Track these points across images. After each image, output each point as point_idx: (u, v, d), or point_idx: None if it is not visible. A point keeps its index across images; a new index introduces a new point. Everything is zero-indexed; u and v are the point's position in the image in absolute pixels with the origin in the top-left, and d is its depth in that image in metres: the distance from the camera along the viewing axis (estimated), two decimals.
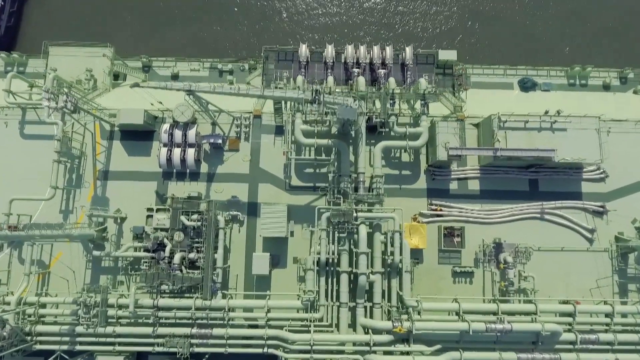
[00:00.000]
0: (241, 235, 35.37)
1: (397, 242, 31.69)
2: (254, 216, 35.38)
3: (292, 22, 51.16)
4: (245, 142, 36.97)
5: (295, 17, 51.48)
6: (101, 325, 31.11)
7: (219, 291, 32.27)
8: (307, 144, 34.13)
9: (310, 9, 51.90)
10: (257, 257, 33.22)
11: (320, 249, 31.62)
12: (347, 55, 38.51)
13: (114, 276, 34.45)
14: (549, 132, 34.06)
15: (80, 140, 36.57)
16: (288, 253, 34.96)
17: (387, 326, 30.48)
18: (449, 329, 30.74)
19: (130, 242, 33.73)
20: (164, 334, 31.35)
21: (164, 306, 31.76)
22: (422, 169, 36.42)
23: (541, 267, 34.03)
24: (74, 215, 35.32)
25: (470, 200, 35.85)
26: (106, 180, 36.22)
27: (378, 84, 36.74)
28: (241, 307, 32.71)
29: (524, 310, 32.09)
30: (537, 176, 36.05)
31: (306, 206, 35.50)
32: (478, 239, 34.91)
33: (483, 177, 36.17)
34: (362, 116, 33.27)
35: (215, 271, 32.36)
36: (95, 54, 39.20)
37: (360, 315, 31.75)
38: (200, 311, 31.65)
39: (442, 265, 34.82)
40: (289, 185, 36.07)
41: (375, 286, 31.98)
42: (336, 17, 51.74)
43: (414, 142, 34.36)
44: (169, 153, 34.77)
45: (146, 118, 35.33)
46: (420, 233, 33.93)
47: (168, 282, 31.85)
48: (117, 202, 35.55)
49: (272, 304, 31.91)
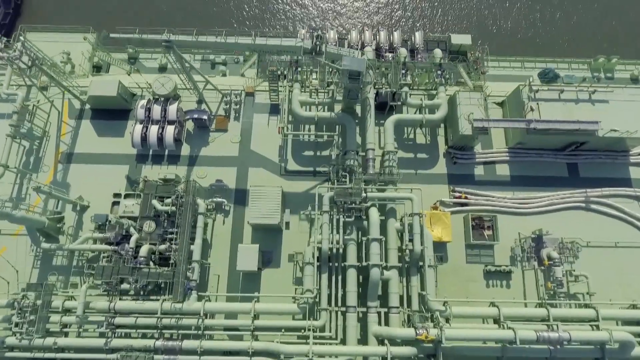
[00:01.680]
0: (226, 227, 29.21)
1: (417, 227, 25.58)
2: (242, 205, 29.47)
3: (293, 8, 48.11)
4: (235, 121, 31.99)
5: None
6: (39, 335, 24.16)
7: (194, 291, 25.53)
8: (307, 118, 29.19)
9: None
10: (244, 250, 26.75)
11: (322, 237, 25.42)
12: (351, 40, 34.77)
13: (66, 277, 27.79)
14: (588, 104, 29.19)
15: (45, 118, 31.63)
16: (282, 249, 28.61)
17: (409, 334, 23.44)
18: (488, 338, 23.83)
19: (89, 233, 27.53)
20: (120, 347, 24.25)
21: (122, 310, 24.92)
22: (441, 152, 31.12)
23: (592, 266, 27.62)
24: (28, 203, 29.31)
25: (500, 187, 30.14)
26: (69, 164, 30.74)
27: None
28: (221, 312, 25.85)
29: (581, 317, 25.19)
30: (577, 159, 30.70)
31: (304, 193, 29.72)
32: (513, 233, 28.78)
33: (513, 161, 30.77)
34: (370, 85, 28.63)
35: (191, 265, 25.88)
36: (76, 39, 35.39)
37: (373, 322, 24.81)
38: (169, 317, 24.77)
39: (472, 265, 28.33)
40: (284, 169, 30.59)
41: (391, 285, 25.37)
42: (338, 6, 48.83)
43: (431, 116, 29.46)
44: (144, 130, 29.73)
45: (121, 90, 30.62)
46: (444, 223, 27.82)
47: (130, 278, 25.29)
48: (79, 189, 29.81)
49: (260, 307, 25.02)
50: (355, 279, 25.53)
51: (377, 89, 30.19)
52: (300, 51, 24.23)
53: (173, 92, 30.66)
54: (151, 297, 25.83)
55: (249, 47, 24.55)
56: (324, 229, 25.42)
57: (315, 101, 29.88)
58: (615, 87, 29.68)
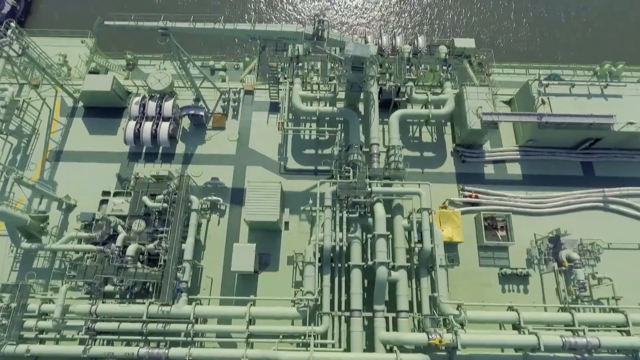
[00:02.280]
0: (221, 227, 27.34)
1: (426, 224, 23.73)
2: (239, 204, 27.74)
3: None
4: (233, 119, 30.75)
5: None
6: (11, 342, 21.84)
7: (184, 293, 23.35)
8: (308, 112, 27.96)
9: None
10: (240, 249, 24.66)
11: (324, 234, 23.53)
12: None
13: (47, 280, 25.60)
14: (600, 99, 28.03)
15: (35, 116, 30.40)
16: (281, 251, 26.62)
17: (420, 339, 21.17)
18: (508, 344, 21.54)
19: (74, 232, 25.62)
20: (100, 354, 21.88)
21: (104, 313, 22.68)
22: (449, 151, 29.71)
23: (615, 268, 25.56)
24: (12, 200, 27.48)
25: (512, 187, 28.51)
26: (58, 162, 29.22)
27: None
28: (213, 316, 23.56)
29: (608, 322, 22.93)
30: (591, 158, 29.25)
31: (305, 192, 28.03)
32: (528, 234, 26.91)
33: (524, 160, 29.31)
34: (373, 79, 27.57)
35: (182, 265, 23.84)
36: (74, 44, 34.79)
37: (380, 327, 22.48)
38: (155, 322, 22.51)
39: (486, 268, 26.27)
40: (284, 168, 29.05)
41: (400, 287, 23.23)
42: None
43: (438, 111, 28.21)
44: (137, 127, 28.39)
45: (115, 87, 29.54)
46: (455, 222, 26.00)
47: (115, 279, 23.18)
48: (67, 188, 28.09)
49: (257, 311, 22.82)
50: (360, 280, 23.43)
51: (381, 85, 29.19)
52: (301, 37, 23.22)
53: (169, 89, 29.58)
54: (136, 301, 23.57)
55: (248, 34, 23.57)
56: (327, 225, 23.55)
57: (317, 96, 28.75)
58: (628, 82, 28.62)
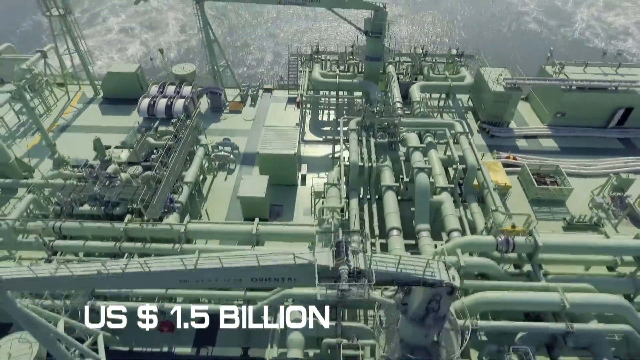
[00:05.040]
0: (227, 183, 23.78)
1: (466, 143, 20.85)
2: (250, 165, 24.85)
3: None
4: (250, 107, 30.40)
5: None
6: None
7: (176, 213, 18.60)
8: (328, 83, 27.92)
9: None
10: (250, 178, 20.85)
11: (351, 149, 20.32)
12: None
13: None
14: (617, 77, 28.18)
15: (55, 100, 30.34)
16: (296, 205, 22.44)
17: (488, 241, 15.77)
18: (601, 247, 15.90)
19: (56, 172, 22.22)
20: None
21: (70, 230, 17.57)
22: (475, 130, 28.25)
23: None
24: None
25: (551, 156, 25.94)
26: (62, 132, 27.61)
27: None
28: (211, 236, 18.11)
29: None
30: (628, 134, 27.56)
31: (324, 158, 25.50)
32: (582, 196, 23.00)
33: (556, 136, 27.56)
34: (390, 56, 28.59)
35: (178, 184, 19.76)
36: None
37: (427, 245, 17.04)
38: (134, 241, 17.29)
39: (546, 222, 21.49)
40: (301, 139, 27.13)
41: (445, 209, 18.65)
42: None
43: (458, 82, 28.15)
44: (152, 101, 27.93)
45: (140, 72, 30.34)
46: (497, 170, 22.75)
47: (96, 194, 18.83)
48: (66, 152, 25.69)
49: (266, 229, 17.59)
50: (395, 201, 18.96)
51: (397, 74, 29.92)
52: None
53: (191, 77, 30.32)
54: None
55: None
56: (352, 143, 20.53)
57: (337, 72, 29.18)
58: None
